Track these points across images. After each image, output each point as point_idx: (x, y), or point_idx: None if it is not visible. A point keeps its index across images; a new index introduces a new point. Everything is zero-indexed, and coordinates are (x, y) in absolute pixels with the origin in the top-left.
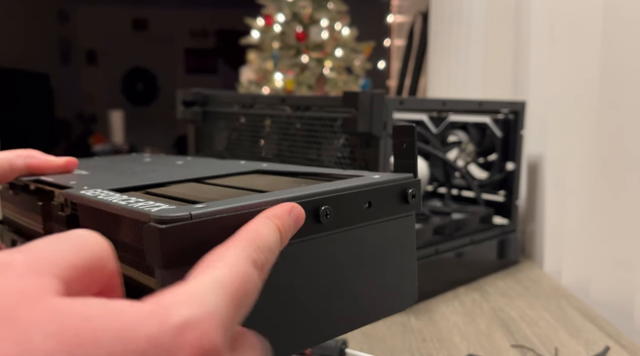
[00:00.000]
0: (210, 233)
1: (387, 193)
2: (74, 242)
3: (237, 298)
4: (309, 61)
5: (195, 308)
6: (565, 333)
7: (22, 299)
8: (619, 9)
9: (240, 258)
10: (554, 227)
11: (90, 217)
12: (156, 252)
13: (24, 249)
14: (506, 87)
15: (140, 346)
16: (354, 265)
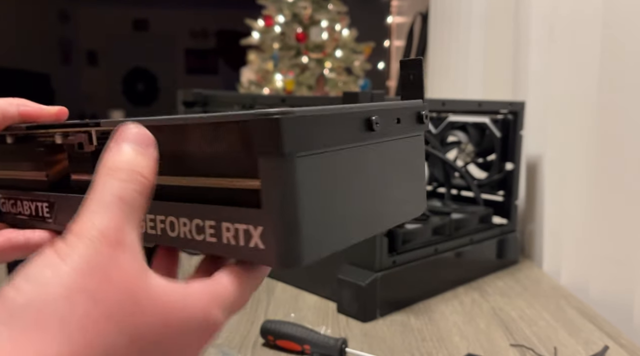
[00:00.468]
0: (313, 130)
1: (410, 112)
2: (136, 180)
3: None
4: (309, 62)
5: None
6: (565, 333)
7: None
8: (618, 10)
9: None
10: (553, 226)
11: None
12: (277, 141)
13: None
14: (505, 88)
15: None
16: (388, 173)
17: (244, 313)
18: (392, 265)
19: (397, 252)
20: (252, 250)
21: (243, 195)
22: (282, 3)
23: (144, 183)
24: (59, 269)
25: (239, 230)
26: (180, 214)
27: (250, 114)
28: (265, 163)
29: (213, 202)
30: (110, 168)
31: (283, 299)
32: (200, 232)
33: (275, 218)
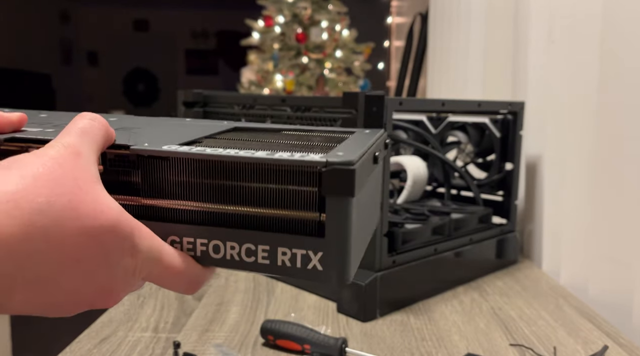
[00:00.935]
0: (361, 173)
1: (383, 142)
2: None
3: (163, 270)
4: (309, 62)
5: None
6: (564, 332)
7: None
8: (618, 10)
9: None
10: (552, 226)
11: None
12: (347, 186)
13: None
14: (505, 88)
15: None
16: (371, 194)
17: (244, 313)
18: (391, 264)
19: (396, 251)
20: (310, 271)
21: (301, 225)
22: (282, 3)
23: (103, 124)
24: (27, 156)
25: (297, 255)
26: (226, 238)
27: (321, 163)
28: (333, 203)
29: (266, 229)
30: (76, 117)
31: (283, 299)
32: (252, 255)
33: (337, 247)
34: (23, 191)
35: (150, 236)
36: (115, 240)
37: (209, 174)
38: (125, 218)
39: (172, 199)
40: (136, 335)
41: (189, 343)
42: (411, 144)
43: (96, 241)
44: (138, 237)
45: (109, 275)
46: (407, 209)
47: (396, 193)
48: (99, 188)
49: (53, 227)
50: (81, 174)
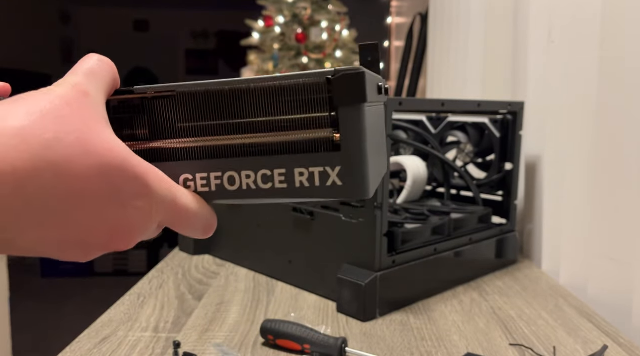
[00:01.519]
0: (370, 86)
1: (375, 83)
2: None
3: (173, 211)
4: (309, 62)
5: (157, 187)
6: (564, 332)
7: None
8: (617, 10)
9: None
10: (552, 226)
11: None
12: (359, 91)
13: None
14: (505, 88)
15: (128, 176)
16: (378, 129)
17: (244, 313)
18: (391, 264)
19: (396, 251)
20: (329, 188)
21: (316, 143)
22: (282, 4)
23: (107, 68)
24: (35, 94)
25: (314, 173)
26: (241, 168)
27: (330, 71)
28: (346, 112)
29: (281, 152)
30: (83, 58)
31: (283, 299)
32: (268, 181)
33: (354, 157)
34: (30, 127)
35: (163, 178)
36: (125, 179)
37: (218, 106)
38: (135, 159)
39: (181, 138)
40: (136, 334)
41: (189, 343)
42: (411, 144)
43: (106, 179)
44: (151, 179)
45: (121, 215)
46: (407, 209)
47: (396, 193)
48: (107, 129)
49: (62, 162)
50: (89, 113)
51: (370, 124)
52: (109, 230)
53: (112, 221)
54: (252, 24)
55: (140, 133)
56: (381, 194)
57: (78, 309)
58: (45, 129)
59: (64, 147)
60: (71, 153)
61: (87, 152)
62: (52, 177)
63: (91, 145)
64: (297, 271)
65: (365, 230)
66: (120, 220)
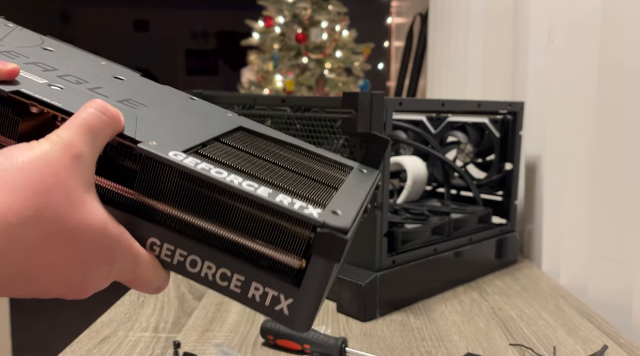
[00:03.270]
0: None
1: (374, 188)
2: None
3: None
4: (308, 62)
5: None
6: (564, 332)
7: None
8: (617, 10)
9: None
10: (551, 226)
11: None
12: (336, 253)
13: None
14: (505, 88)
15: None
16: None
17: (244, 313)
18: (391, 264)
19: (396, 251)
20: (276, 312)
21: (282, 266)
22: (282, 4)
23: (109, 122)
24: (23, 151)
25: (268, 293)
26: (206, 257)
27: (318, 222)
28: (318, 262)
29: (248, 260)
30: (86, 106)
31: None
32: (225, 280)
33: (309, 300)
34: (13, 204)
35: (130, 246)
36: (95, 252)
37: (208, 192)
38: (110, 229)
39: (164, 203)
40: (136, 335)
41: (189, 343)
42: (411, 144)
43: (77, 252)
44: (119, 249)
45: (83, 278)
46: (407, 209)
47: (396, 193)
48: (90, 199)
49: (37, 237)
50: (74, 182)
51: (335, 271)
52: (69, 289)
53: (73, 283)
54: (252, 24)
55: (127, 179)
56: (381, 194)
57: (78, 309)
58: (26, 206)
59: (42, 223)
60: (48, 230)
61: (63, 230)
62: (24, 252)
63: (68, 222)
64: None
65: (365, 230)
66: (81, 281)
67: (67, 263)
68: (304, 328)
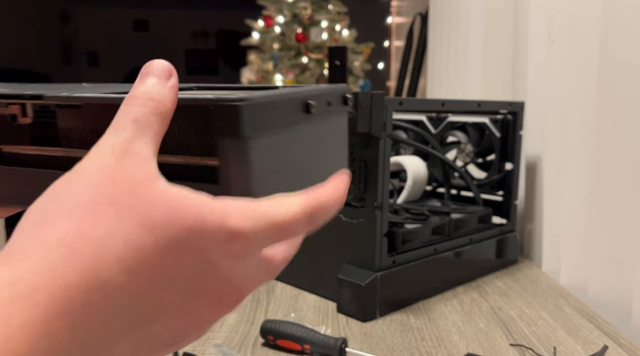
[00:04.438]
0: (264, 115)
1: (337, 95)
2: (152, 114)
3: (278, 234)
4: (308, 62)
5: (247, 226)
6: (564, 332)
7: (141, 183)
8: (617, 10)
9: (300, 210)
10: (552, 226)
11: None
12: (236, 125)
13: (123, 132)
14: (505, 88)
15: (208, 231)
16: (321, 147)
17: (244, 313)
18: (391, 264)
19: (396, 251)
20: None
21: (200, 171)
22: (282, 3)
23: (158, 107)
24: (71, 182)
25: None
26: None
27: (210, 100)
28: (224, 145)
29: (167, 175)
30: (129, 97)
31: (283, 299)
32: None
33: (231, 195)
34: (75, 229)
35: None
36: (204, 238)
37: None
38: (207, 204)
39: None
40: None
41: None
42: (411, 144)
43: (183, 248)
44: (232, 215)
45: (218, 278)
46: (407, 209)
47: (396, 193)
48: (162, 187)
49: (123, 255)
50: (138, 178)
51: (279, 153)
52: (212, 301)
53: (211, 290)
54: (252, 24)
55: (56, 139)
56: (381, 194)
57: None
58: (93, 226)
59: (121, 235)
60: (130, 240)
61: (150, 229)
62: (118, 276)
63: (153, 220)
64: (297, 271)
65: (365, 230)
66: (220, 284)
67: (185, 271)
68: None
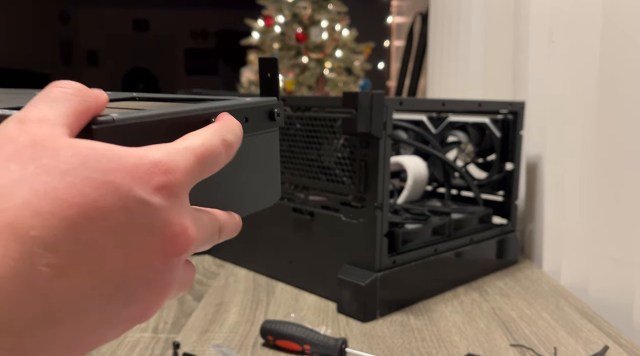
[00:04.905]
0: (134, 136)
1: (261, 111)
2: (71, 94)
3: (201, 160)
4: (309, 62)
5: (166, 156)
6: (564, 333)
7: (45, 139)
8: (618, 10)
9: (211, 134)
10: (552, 226)
11: None
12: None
13: (34, 106)
14: (505, 88)
15: (127, 167)
16: (240, 167)
17: (244, 313)
18: (392, 265)
19: (397, 252)
20: None
21: None
22: (282, 3)
23: (82, 91)
24: None
25: None
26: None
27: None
28: None
29: None
30: (53, 83)
31: (283, 299)
32: None
33: None
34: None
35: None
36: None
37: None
38: (123, 149)
39: None
40: (136, 335)
41: (188, 343)
42: (411, 144)
43: (106, 185)
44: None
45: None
46: (407, 209)
47: (396, 193)
48: (71, 140)
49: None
50: (42, 136)
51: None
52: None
53: (151, 228)
54: (252, 24)
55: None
56: (381, 194)
57: None
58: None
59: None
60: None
61: (61, 172)
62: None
63: (59, 162)
64: (297, 271)
65: (366, 230)
66: (159, 223)
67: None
68: None
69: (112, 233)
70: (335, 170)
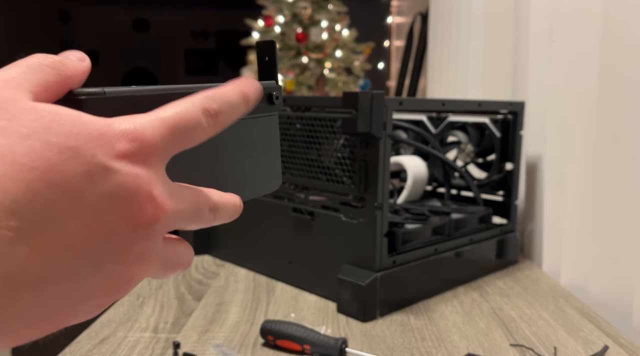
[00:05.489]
0: (124, 110)
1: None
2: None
3: (173, 130)
4: (308, 62)
5: (135, 124)
6: (564, 333)
7: (6, 102)
8: (618, 9)
9: (189, 104)
10: (552, 226)
11: None
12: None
13: (4, 70)
14: (505, 88)
15: (92, 133)
16: (239, 151)
17: (244, 313)
18: (392, 265)
19: (397, 251)
20: None
21: None
22: (282, 3)
23: (56, 64)
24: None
25: None
26: None
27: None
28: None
29: None
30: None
31: (283, 299)
32: None
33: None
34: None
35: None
36: (88, 138)
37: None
38: (89, 116)
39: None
40: (136, 335)
41: (188, 343)
42: (411, 144)
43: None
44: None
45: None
46: (407, 209)
47: (396, 193)
48: (35, 103)
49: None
50: (2, 99)
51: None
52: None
53: (120, 194)
54: (252, 24)
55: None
56: (381, 194)
57: None
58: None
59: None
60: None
61: (21, 136)
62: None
63: (18, 126)
64: (297, 271)
65: (366, 230)
66: (127, 189)
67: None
68: None
69: (74, 198)
70: (335, 170)
